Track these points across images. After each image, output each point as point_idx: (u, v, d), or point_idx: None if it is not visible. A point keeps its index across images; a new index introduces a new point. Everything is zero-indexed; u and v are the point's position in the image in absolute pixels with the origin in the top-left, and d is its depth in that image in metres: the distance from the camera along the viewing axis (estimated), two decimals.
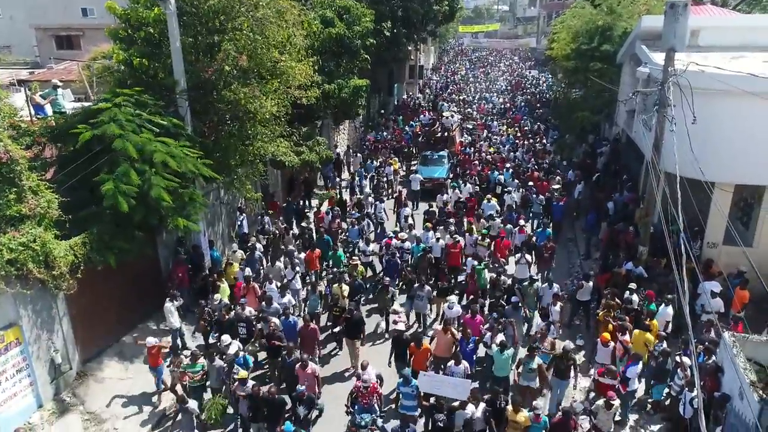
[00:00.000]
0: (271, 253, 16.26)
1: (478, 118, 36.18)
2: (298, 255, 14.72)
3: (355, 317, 11.87)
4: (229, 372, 10.38)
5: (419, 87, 47.47)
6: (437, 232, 16.38)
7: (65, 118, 12.32)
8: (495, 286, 13.71)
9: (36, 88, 13.64)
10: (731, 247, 14.00)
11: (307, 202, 21.48)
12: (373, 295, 14.61)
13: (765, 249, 13.88)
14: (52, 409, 10.46)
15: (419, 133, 29.69)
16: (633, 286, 12.65)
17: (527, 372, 10.28)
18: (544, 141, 29.61)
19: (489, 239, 15.97)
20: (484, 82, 54.67)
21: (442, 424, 9.17)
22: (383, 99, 36.52)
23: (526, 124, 34.24)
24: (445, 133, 26.97)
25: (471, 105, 41.48)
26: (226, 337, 11.06)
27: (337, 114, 22.62)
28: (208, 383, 10.67)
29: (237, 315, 11.81)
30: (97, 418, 10.59)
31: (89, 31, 27.79)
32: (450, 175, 24.06)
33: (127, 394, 11.21)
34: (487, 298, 13.90)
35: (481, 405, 9.36)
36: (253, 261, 14.69)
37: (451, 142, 26.73)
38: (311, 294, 13.31)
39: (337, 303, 12.60)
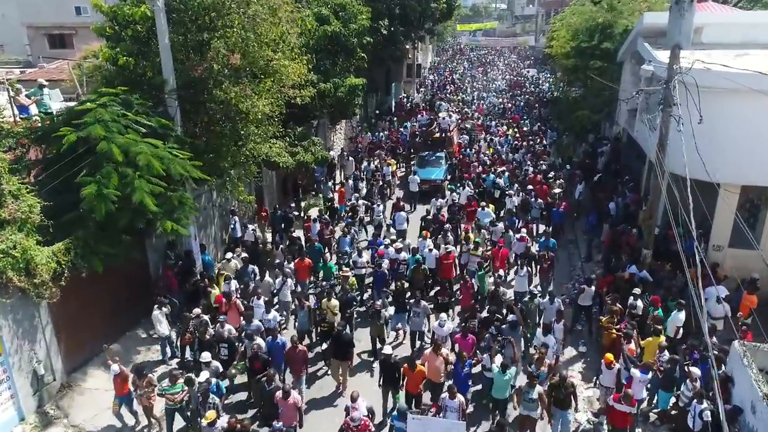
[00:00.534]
0: (257, 266, 14.90)
1: (477, 118, 35.61)
2: (288, 264, 13.97)
3: (343, 337, 10.98)
4: (204, 402, 9.41)
5: (417, 86, 46.88)
6: (432, 240, 15.51)
7: (50, 119, 11.93)
8: (493, 299, 12.96)
9: (18, 89, 13.14)
10: (737, 250, 13.67)
11: (297, 208, 20.30)
12: (363, 319, 13.32)
13: None
14: (34, 423, 10.06)
15: (416, 134, 29.02)
16: (637, 291, 12.26)
17: (527, 402, 9.59)
18: (544, 142, 29.11)
19: (482, 249, 15.01)
20: (482, 82, 53.99)
21: None
22: (380, 98, 36.09)
23: (526, 125, 33.64)
24: (443, 134, 26.31)
25: (469, 105, 40.81)
26: (206, 354, 10.33)
27: (334, 114, 22.25)
28: (190, 405, 9.73)
29: (217, 334, 11.03)
30: None
31: (82, 29, 27.35)
32: (447, 177, 23.54)
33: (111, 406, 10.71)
34: (484, 310, 12.95)
35: None
36: (246, 273, 13.92)
37: (448, 142, 26.03)
38: (300, 310, 12.45)
39: (325, 319, 11.87)
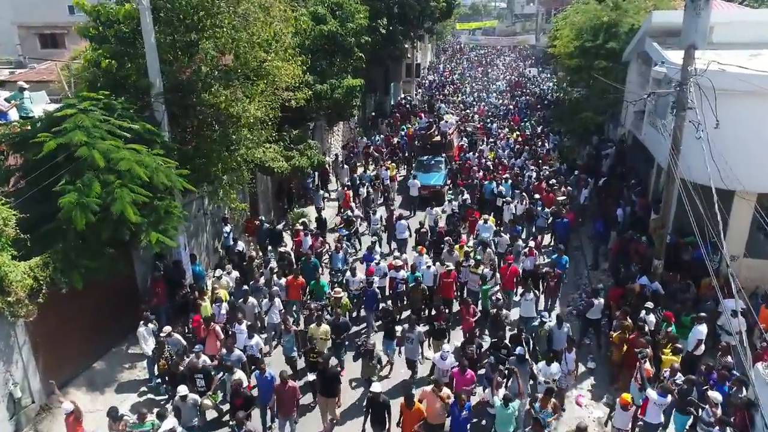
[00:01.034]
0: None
1: (478, 121, 34.69)
2: (278, 281, 13.04)
3: (330, 372, 9.88)
4: None
5: (416, 86, 46.04)
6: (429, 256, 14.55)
7: (31, 124, 11.27)
8: (496, 323, 11.82)
9: None
10: (753, 260, 13.09)
11: (285, 218, 19.30)
12: (354, 359, 11.48)
13: None
14: None
15: (414, 136, 27.98)
16: (650, 305, 11.61)
17: None
18: (546, 145, 28.16)
19: (483, 267, 13.84)
20: (482, 82, 52.97)
21: None
22: (379, 98, 35.43)
23: (527, 127, 32.60)
24: (443, 138, 25.09)
25: (470, 107, 39.66)
26: (182, 388, 9.41)
27: (331, 115, 21.59)
28: None
29: (191, 365, 10.10)
30: None
31: None
32: (447, 182, 22.64)
33: (96, 429, 10.08)
34: (484, 334, 12.21)
35: None
36: (239, 294, 12.70)
37: (448, 146, 25.04)
38: (285, 334, 11.42)
39: (314, 348, 10.79)
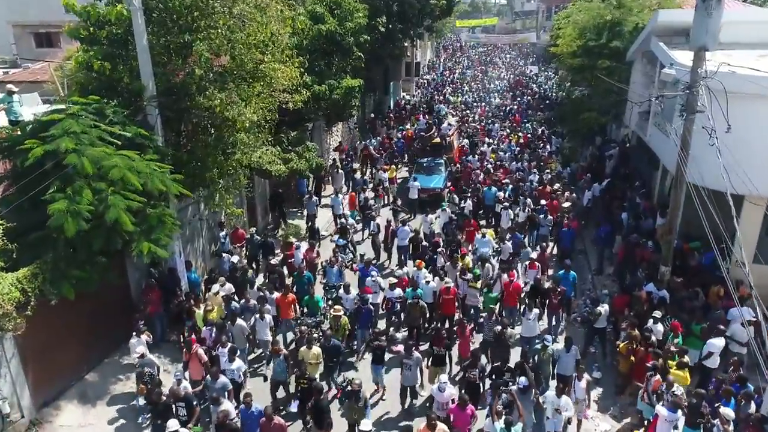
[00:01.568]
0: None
1: (479, 122, 34.08)
2: (270, 296, 12.40)
3: (321, 403, 9.36)
4: None
5: (415, 85, 45.48)
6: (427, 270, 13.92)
7: (20, 129, 10.91)
8: (500, 344, 11.16)
9: None
10: (762, 267, 12.75)
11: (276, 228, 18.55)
12: (341, 404, 10.52)
13: None
14: None
15: (413, 138, 27.40)
16: (658, 314, 11.27)
17: None
18: (548, 147, 27.54)
19: (482, 281, 13.32)
20: (483, 82, 52.22)
21: None
22: (379, 98, 35.03)
23: (527, 128, 32.01)
24: (443, 139, 24.39)
25: (471, 107, 38.88)
26: (172, 423, 8.71)
27: (330, 116, 21.23)
28: None
29: (172, 394, 9.47)
30: None
31: None
32: (447, 185, 21.99)
33: None
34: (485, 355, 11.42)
35: None
36: (228, 311, 12.02)
37: (448, 148, 24.35)
38: (275, 357, 10.68)
39: (305, 374, 10.04)
